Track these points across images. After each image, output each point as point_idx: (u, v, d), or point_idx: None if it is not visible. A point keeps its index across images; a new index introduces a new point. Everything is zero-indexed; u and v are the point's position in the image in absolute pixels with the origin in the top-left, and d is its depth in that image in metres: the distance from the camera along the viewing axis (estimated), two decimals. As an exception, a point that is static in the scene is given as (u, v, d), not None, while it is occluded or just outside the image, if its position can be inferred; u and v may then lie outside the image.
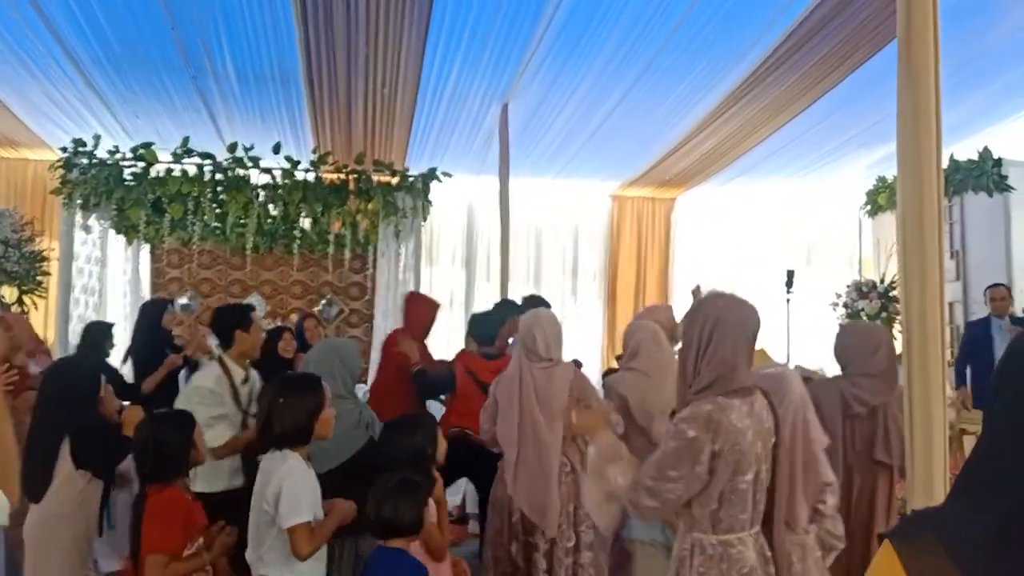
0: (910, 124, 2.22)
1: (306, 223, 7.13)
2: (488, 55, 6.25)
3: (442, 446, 3.01)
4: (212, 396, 3.34)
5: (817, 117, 7.42)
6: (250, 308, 3.67)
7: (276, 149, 6.80)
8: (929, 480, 2.16)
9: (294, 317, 7.38)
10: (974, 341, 6.32)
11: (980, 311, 6.89)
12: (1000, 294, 6.18)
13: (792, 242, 10.80)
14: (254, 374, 3.61)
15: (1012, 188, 7.66)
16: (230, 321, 3.54)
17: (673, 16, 5.70)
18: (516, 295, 9.61)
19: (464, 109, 7.29)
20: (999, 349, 5.88)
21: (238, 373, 3.47)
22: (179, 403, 3.34)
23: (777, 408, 2.16)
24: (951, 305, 8.08)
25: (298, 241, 6.94)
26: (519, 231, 10.10)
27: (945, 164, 8.08)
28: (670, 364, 3.28)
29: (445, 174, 7.33)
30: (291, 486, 2.50)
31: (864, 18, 5.74)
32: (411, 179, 7.19)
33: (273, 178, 6.88)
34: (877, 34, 5.85)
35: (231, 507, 2.90)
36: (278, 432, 2.63)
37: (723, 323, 2.08)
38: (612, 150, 8.51)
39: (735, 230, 10.84)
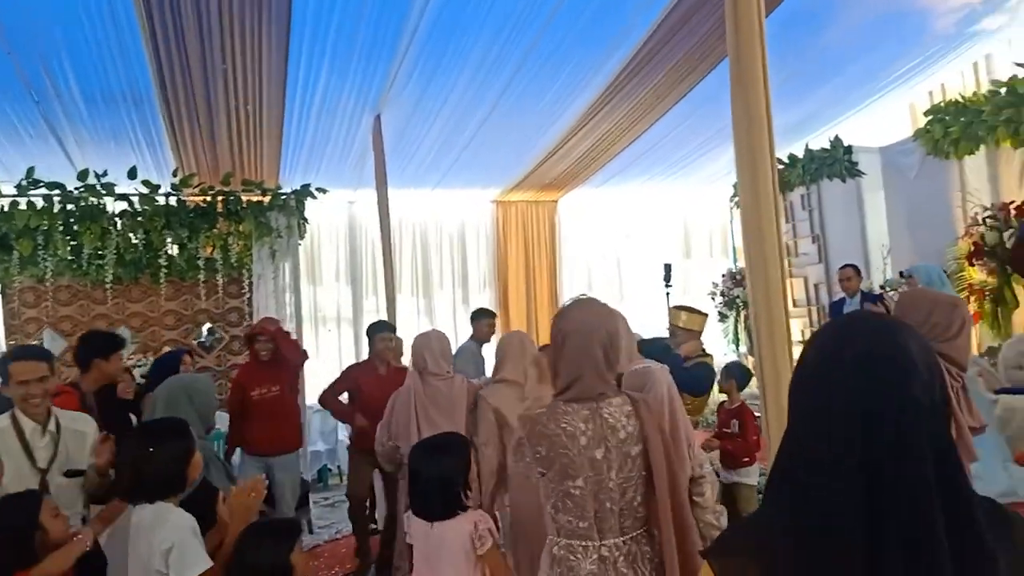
0: (744, 131, 2.33)
1: (174, 249, 6.77)
2: (355, 66, 6.14)
3: (473, 471, 2.78)
4: None
5: (680, 117, 7.70)
6: (6, 360, 3.14)
7: (132, 174, 6.42)
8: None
9: (167, 350, 7.00)
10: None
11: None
12: (845, 275, 6.54)
13: (670, 236, 11.17)
14: (64, 427, 3.15)
15: (863, 173, 8.19)
16: None
17: (533, 27, 5.79)
18: (405, 308, 9.55)
19: (335, 122, 7.13)
20: None
21: (28, 426, 3.04)
22: None
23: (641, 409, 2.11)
24: (816, 286, 8.57)
25: (165, 269, 6.58)
26: (404, 243, 9.99)
27: (801, 154, 8.66)
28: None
29: (320, 190, 7.13)
30: (183, 538, 2.33)
31: (715, 21, 6.00)
32: (284, 197, 6.95)
33: (131, 204, 6.49)
34: (729, 35, 6.12)
35: None
36: (151, 484, 2.44)
37: (569, 335, 2.09)
38: (491, 156, 8.54)
39: (617, 229, 11.11)
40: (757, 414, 4.10)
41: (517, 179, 9.68)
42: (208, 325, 7.37)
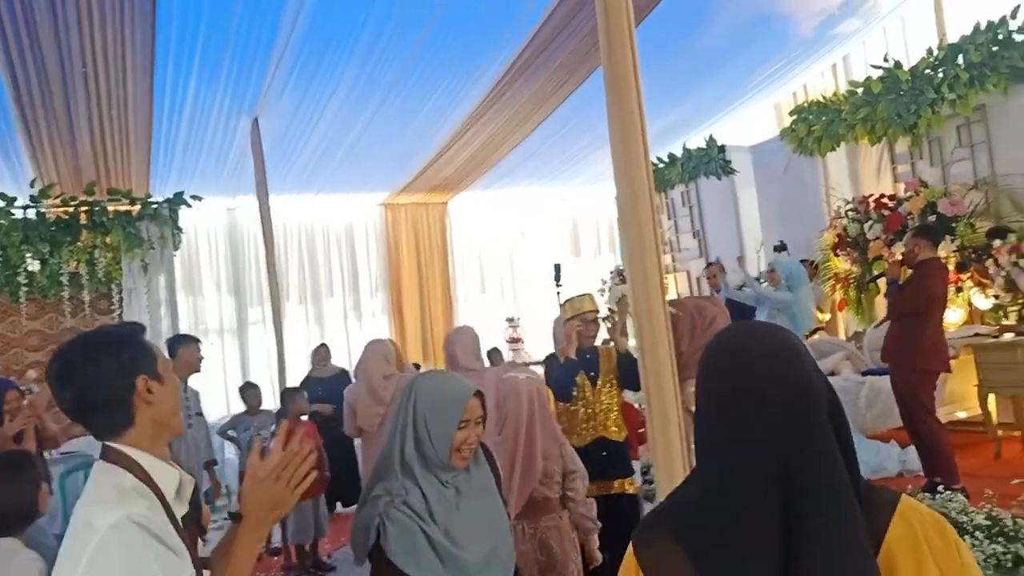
0: (619, 137, 2.38)
1: (34, 265, 6.29)
2: (228, 68, 5.89)
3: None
4: None
5: (564, 119, 7.84)
6: None
7: (-17, 185, 5.93)
8: (669, 457, 2.31)
9: (32, 374, 6.49)
10: None
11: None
12: (711, 272, 6.90)
13: (560, 236, 11.35)
14: None
15: (736, 171, 8.60)
16: None
17: (414, 32, 5.74)
18: (293, 316, 9.28)
19: (209, 126, 6.82)
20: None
21: None
22: None
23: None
24: (698, 280, 8.93)
25: (25, 287, 6.10)
26: (290, 249, 9.70)
27: (680, 153, 9.00)
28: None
29: (195, 197, 6.80)
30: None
31: (591, 27, 6.12)
32: (155, 206, 6.58)
33: (-17, 219, 6.00)
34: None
35: None
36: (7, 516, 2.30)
37: None
38: (377, 159, 8.42)
39: (508, 230, 11.20)
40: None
41: (405, 182, 9.59)
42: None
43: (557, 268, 7.90)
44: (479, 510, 1.86)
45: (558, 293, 7.83)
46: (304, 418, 5.56)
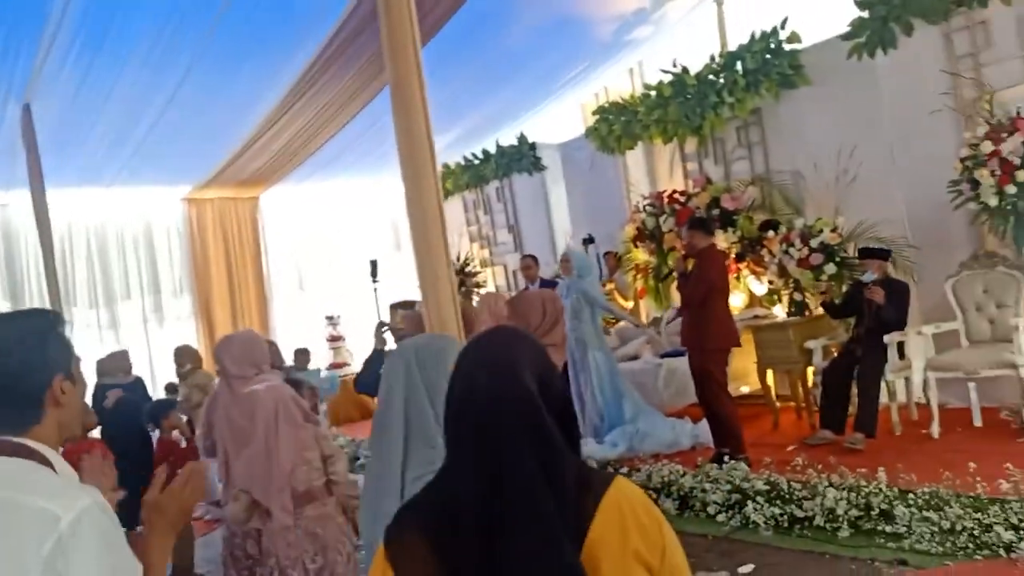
0: (408, 151, 2.44)
1: None
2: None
3: None
4: None
5: (379, 111, 7.72)
6: None
7: None
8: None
9: None
10: None
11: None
12: (524, 264, 7.15)
13: (380, 231, 11.21)
14: None
15: (546, 167, 8.94)
16: None
17: (206, 18, 5.42)
18: (83, 322, 8.51)
19: (-30, 112, 6.08)
20: None
21: None
22: None
23: None
24: (514, 273, 9.19)
25: None
26: (77, 249, 8.87)
27: (494, 149, 9.20)
28: None
29: (-46, 192, 6.02)
30: None
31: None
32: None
33: None
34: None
35: None
36: None
37: None
38: (175, 151, 7.88)
39: (326, 225, 10.90)
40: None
41: (209, 175, 9.06)
42: None
43: (374, 264, 7.82)
44: None
45: (375, 289, 7.74)
46: (94, 434, 5.11)
